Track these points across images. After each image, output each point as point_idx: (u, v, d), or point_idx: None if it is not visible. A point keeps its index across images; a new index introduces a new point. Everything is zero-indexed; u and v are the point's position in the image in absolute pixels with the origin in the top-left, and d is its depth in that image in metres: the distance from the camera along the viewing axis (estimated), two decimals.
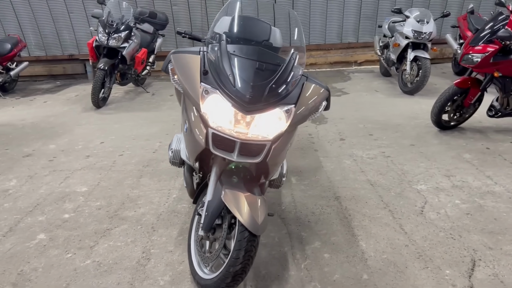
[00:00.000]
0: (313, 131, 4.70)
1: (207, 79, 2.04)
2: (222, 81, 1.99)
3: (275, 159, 2.09)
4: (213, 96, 1.99)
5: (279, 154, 2.09)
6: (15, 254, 2.58)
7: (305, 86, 2.13)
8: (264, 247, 2.56)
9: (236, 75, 1.99)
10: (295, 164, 3.81)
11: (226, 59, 2.03)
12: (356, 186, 3.35)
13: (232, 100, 1.95)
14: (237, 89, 1.96)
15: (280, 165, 2.27)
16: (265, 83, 1.99)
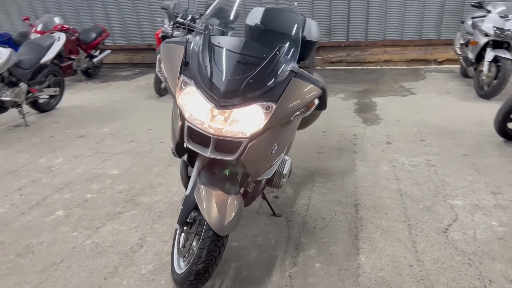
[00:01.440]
0: (359, 132, 4.43)
1: (187, 71, 1.99)
2: (200, 73, 1.93)
3: (253, 158, 1.97)
4: (189, 89, 1.94)
5: (258, 153, 1.97)
6: (31, 227, 2.78)
7: (292, 83, 1.98)
8: (257, 248, 2.47)
9: (213, 68, 1.92)
10: (325, 165, 3.62)
11: (206, 50, 1.96)
12: (382, 194, 3.08)
13: (205, 93, 1.89)
14: (212, 82, 1.88)
15: (266, 165, 2.13)
16: (243, 77, 1.89)
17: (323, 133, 4.43)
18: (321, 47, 8.00)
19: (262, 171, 2.14)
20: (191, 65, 1.99)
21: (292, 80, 1.98)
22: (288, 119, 1.98)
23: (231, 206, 1.94)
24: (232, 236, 2.60)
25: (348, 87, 6.44)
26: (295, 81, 1.99)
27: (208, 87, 1.88)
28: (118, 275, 2.27)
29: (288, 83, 1.98)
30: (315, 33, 3.32)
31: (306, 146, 4.07)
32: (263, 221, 2.76)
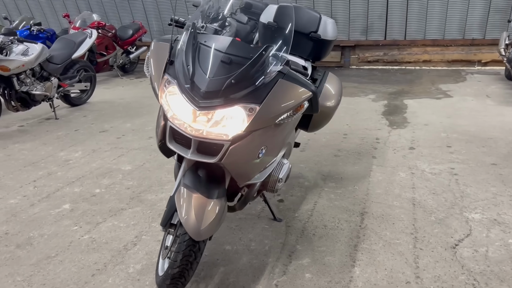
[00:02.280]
0: (383, 135, 4.23)
1: (171, 70, 1.95)
2: (183, 72, 1.88)
3: (236, 162, 1.89)
4: (172, 88, 1.90)
5: (242, 156, 1.89)
6: (36, 219, 2.85)
7: (279, 85, 1.88)
8: (249, 254, 2.40)
9: (196, 67, 1.86)
10: (339, 170, 3.48)
11: (189, 49, 1.91)
12: (393, 203, 2.91)
13: (186, 93, 1.83)
14: (194, 82, 1.83)
15: (253, 168, 2.04)
16: (225, 77, 1.81)
17: (344, 136, 4.27)
18: (358, 46, 7.77)
19: (250, 175, 2.06)
20: (176, 64, 1.94)
21: (279, 81, 1.88)
22: (273, 122, 1.88)
23: (210, 211, 1.87)
24: (227, 239, 2.54)
25: (381, 88, 6.19)
26: (282, 83, 1.89)
27: (189, 87, 1.82)
28: (106, 272, 2.27)
29: (274, 84, 1.89)
30: (331, 31, 3.19)
31: (323, 149, 3.94)
32: (261, 226, 2.68)
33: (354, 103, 5.45)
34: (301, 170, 3.50)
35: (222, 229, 2.64)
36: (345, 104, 5.40)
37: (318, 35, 3.14)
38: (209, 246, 2.47)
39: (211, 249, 2.44)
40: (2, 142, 4.44)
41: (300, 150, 3.92)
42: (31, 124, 5.04)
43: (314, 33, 3.16)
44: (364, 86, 6.38)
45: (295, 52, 3.22)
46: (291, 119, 1.96)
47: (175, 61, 1.96)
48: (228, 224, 2.69)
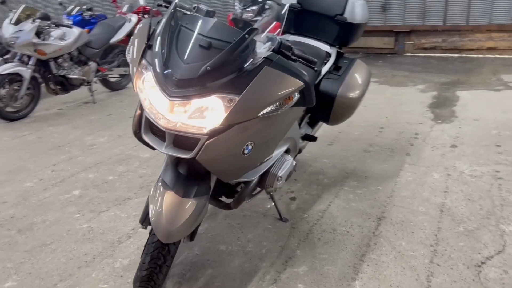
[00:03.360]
0: (424, 130, 3.83)
1: (148, 55, 1.78)
2: (157, 58, 1.71)
3: (214, 158, 1.69)
4: (146, 75, 1.73)
5: (221, 152, 1.69)
6: (44, 204, 2.85)
7: (263, 73, 1.65)
8: (243, 256, 2.21)
9: (172, 52, 1.68)
10: (366, 167, 3.17)
11: (166, 31, 1.73)
12: (418, 208, 2.59)
13: (159, 81, 1.66)
14: (168, 68, 1.65)
15: (239, 165, 1.83)
16: (201, 63, 1.62)
17: (380, 129, 3.92)
18: (413, 31, 7.20)
19: (236, 172, 1.86)
20: (153, 49, 1.77)
21: (264, 69, 1.66)
22: (256, 115, 1.66)
23: (183, 211, 1.70)
24: (224, 237, 2.37)
25: (434, 77, 5.68)
26: (267, 71, 1.66)
27: (163, 74, 1.65)
28: (92, 265, 2.19)
29: (258, 73, 1.66)
30: (360, 14, 2.89)
31: (353, 143, 3.63)
32: (265, 225, 2.48)
33: (399, 94, 5.03)
34: (323, 166, 3.23)
35: (222, 226, 2.48)
36: (389, 94, 5.00)
37: (344, 18, 2.85)
38: (203, 245, 2.31)
39: (204, 247, 2.29)
40: (38, 124, 4.56)
41: (328, 144, 3.65)
42: (69, 108, 5.15)
43: (339, 16, 2.87)
44: (415, 75, 5.88)
45: (319, 37, 2.96)
46: (279, 112, 1.73)
47: (153, 45, 1.79)
48: (230, 222, 2.52)
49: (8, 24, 4.51)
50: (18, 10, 4.57)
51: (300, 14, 3.01)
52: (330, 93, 2.70)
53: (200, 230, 2.44)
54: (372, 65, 6.65)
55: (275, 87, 1.68)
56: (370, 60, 7.07)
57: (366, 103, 4.60)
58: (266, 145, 1.90)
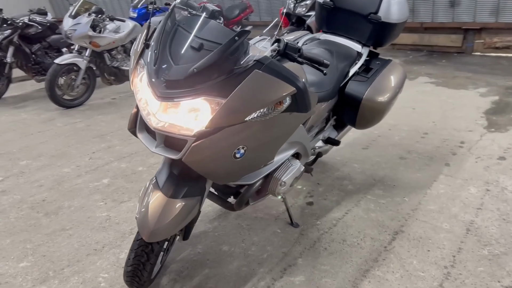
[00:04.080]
0: (471, 139, 3.54)
1: (145, 54, 1.80)
2: (150, 57, 1.72)
3: (201, 160, 1.67)
4: (141, 74, 1.76)
5: (209, 155, 1.66)
6: (75, 190, 3.01)
7: (252, 77, 1.60)
8: (243, 259, 2.19)
9: (164, 52, 1.68)
10: (397, 175, 3.00)
11: (161, 31, 1.74)
12: (442, 225, 2.40)
13: (150, 80, 1.68)
14: (159, 68, 1.66)
15: (232, 169, 1.78)
16: (190, 65, 1.61)
17: (423, 135, 3.68)
18: (484, 29, 6.66)
19: (229, 175, 1.82)
20: (150, 48, 1.79)
21: (253, 73, 1.61)
22: (242, 120, 1.62)
23: (168, 211, 1.71)
24: (229, 238, 2.36)
25: (499, 80, 5.22)
26: (257, 75, 1.61)
27: (154, 74, 1.66)
28: (100, 254, 2.28)
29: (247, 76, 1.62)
30: (396, 13, 2.72)
31: (390, 148, 3.44)
32: (274, 229, 2.43)
33: (455, 97, 4.68)
34: (351, 171, 3.10)
35: (231, 226, 2.47)
36: (443, 97, 4.68)
37: (378, 17, 2.71)
38: (207, 243, 2.32)
39: (208, 246, 2.29)
40: (90, 112, 4.83)
41: (362, 147, 3.49)
42: (122, 98, 5.40)
43: (373, 14, 2.73)
44: (479, 77, 5.44)
45: (352, 36, 2.83)
46: (268, 117, 1.67)
47: (150, 45, 1.80)
48: (240, 222, 2.51)
49: (68, 17, 4.80)
50: (77, 4, 4.85)
51: (333, 12, 2.90)
52: (356, 96, 2.58)
53: (208, 228, 2.45)
54: (434, 65, 6.26)
55: (264, 91, 1.62)
56: (433, 59, 6.66)
57: (416, 106, 4.35)
58: (263, 150, 1.84)
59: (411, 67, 6.18)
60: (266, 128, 1.76)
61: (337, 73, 2.56)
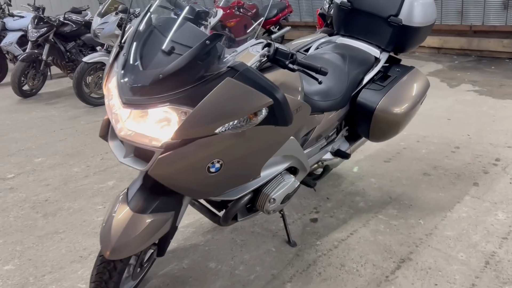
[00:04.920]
0: (509, 156, 3.18)
1: (119, 56, 1.68)
2: (120, 60, 1.61)
3: (169, 173, 1.52)
4: (113, 78, 1.64)
5: (179, 169, 1.51)
6: (79, 191, 2.98)
7: (224, 85, 1.44)
8: (229, 279, 2.03)
9: (134, 56, 1.56)
10: (416, 194, 2.73)
11: (132, 33, 1.62)
12: (458, 255, 2.13)
13: (117, 85, 1.56)
14: (124, 72, 1.54)
15: (207, 183, 1.61)
16: (157, 71, 1.48)
17: (454, 149, 3.36)
18: None
19: (205, 191, 1.67)
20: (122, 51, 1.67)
21: (225, 80, 1.45)
22: (211, 132, 1.46)
23: (133, 227, 1.58)
24: (219, 254, 2.21)
25: None
26: (229, 83, 1.45)
27: (120, 79, 1.54)
28: (84, 262, 2.20)
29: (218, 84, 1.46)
30: (419, 16, 2.48)
31: (414, 163, 3.16)
32: (268, 247, 2.26)
33: (498, 108, 4.27)
34: (367, 186, 2.86)
35: (224, 240, 2.32)
36: (485, 108, 4.29)
37: (399, 19, 2.47)
38: (195, 258, 2.18)
39: (194, 262, 2.16)
40: None
41: (384, 160, 3.23)
42: None
43: (393, 17, 2.49)
44: None
45: (371, 40, 2.61)
46: (241, 130, 1.50)
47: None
48: (235, 237, 2.35)
49: (96, 16, 4.84)
50: (106, 3, 4.87)
51: (351, 13, 2.68)
52: (369, 106, 2.36)
53: (200, 241, 2.31)
54: (481, 71, 5.81)
55: (236, 101, 1.46)
56: (481, 65, 6.18)
57: (452, 116, 4.01)
58: (243, 165, 1.68)
59: (455, 73, 5.76)
60: (244, 141, 1.59)
61: (348, 80, 2.34)
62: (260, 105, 1.48)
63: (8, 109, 5.09)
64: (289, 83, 1.82)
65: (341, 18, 2.74)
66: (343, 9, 2.69)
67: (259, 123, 1.54)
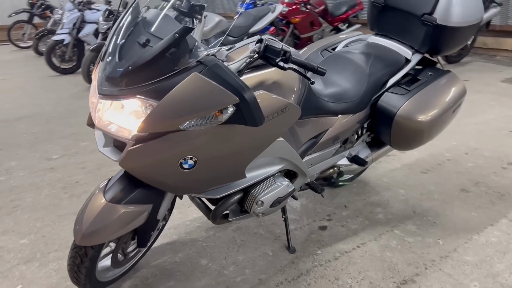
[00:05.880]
0: None
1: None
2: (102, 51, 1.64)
3: (138, 166, 1.51)
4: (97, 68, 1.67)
5: (149, 162, 1.50)
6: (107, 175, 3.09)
7: (190, 80, 1.40)
8: (214, 278, 2.00)
9: (114, 47, 1.58)
10: (444, 212, 2.49)
11: (116, 24, 1.63)
12: (471, 284, 1.90)
13: (97, 75, 1.59)
14: (104, 63, 1.57)
15: (180, 179, 1.56)
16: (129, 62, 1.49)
17: (506, 166, 3.01)
18: None
19: (182, 187, 1.65)
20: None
21: (191, 75, 1.41)
22: (175, 127, 1.44)
23: (105, 217, 1.59)
24: (214, 251, 2.18)
25: None
26: (195, 78, 1.41)
27: (100, 69, 1.58)
28: None
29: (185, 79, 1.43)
30: (458, 15, 2.27)
31: (454, 177, 2.88)
32: (265, 250, 2.19)
33: None
34: (392, 197, 2.66)
35: (224, 238, 2.29)
36: None
37: (433, 18, 2.27)
38: (189, 253, 2.18)
39: (187, 256, 2.15)
40: None
41: (421, 171, 2.98)
42: None
43: (428, 15, 2.28)
44: None
45: (404, 40, 2.43)
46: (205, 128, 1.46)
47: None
48: (236, 236, 2.31)
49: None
50: None
51: (384, 11, 2.50)
52: (388, 111, 2.20)
53: (200, 237, 2.31)
54: None
55: (200, 97, 1.41)
56: None
57: None
58: (223, 164, 1.63)
59: None
60: (219, 140, 1.55)
61: (368, 81, 2.19)
62: (225, 103, 1.42)
63: (76, 96, 5.48)
64: (282, 82, 1.73)
65: (374, 15, 2.56)
66: (376, 6, 2.52)
67: (227, 122, 1.48)
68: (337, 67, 2.29)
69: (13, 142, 3.82)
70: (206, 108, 1.41)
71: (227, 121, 1.48)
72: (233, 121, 1.48)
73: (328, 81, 2.22)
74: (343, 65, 2.29)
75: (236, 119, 1.48)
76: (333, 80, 2.22)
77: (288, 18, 6.86)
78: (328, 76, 2.24)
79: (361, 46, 2.44)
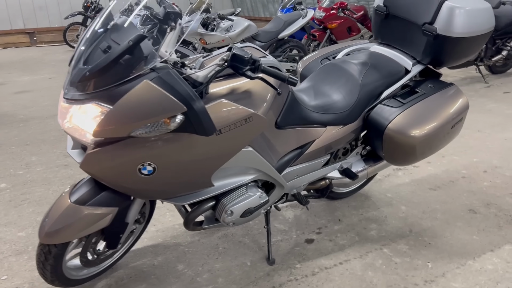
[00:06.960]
0: None
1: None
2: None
3: (98, 170, 1.54)
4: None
5: (104, 167, 1.52)
6: None
7: (141, 87, 1.42)
8: (187, 285, 2.00)
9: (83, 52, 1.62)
10: (444, 233, 2.35)
11: (86, 30, 1.68)
12: None
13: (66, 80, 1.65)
14: (71, 67, 1.62)
15: (138, 186, 1.57)
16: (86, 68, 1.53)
17: None
18: None
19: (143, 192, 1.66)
20: None
21: (142, 83, 1.43)
22: (126, 133, 1.46)
23: (67, 217, 1.64)
24: (192, 257, 2.18)
25: None
26: (145, 86, 1.43)
27: (69, 73, 1.63)
28: None
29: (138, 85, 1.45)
30: (461, 25, 2.16)
31: (465, 196, 2.71)
32: (244, 260, 2.16)
33: None
34: (391, 214, 2.54)
35: (207, 245, 2.29)
36: None
37: (433, 28, 2.18)
38: (169, 258, 2.19)
39: (166, 261, 2.17)
40: None
41: (430, 187, 2.83)
42: None
43: (428, 25, 2.18)
44: None
45: (406, 49, 2.34)
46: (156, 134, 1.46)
47: None
48: (220, 243, 2.30)
49: (185, 15, 5.12)
50: (195, 2, 5.13)
51: (387, 19, 2.41)
52: (379, 123, 2.12)
53: (184, 241, 2.32)
54: None
55: (149, 105, 1.42)
56: None
57: None
58: (185, 171, 1.63)
59: None
60: (178, 148, 1.56)
61: (359, 92, 2.12)
62: (172, 111, 1.42)
63: None
64: (252, 92, 1.71)
65: (378, 24, 2.47)
66: (379, 15, 2.43)
67: (178, 130, 1.48)
68: (330, 77, 2.23)
69: (40, 138, 4.03)
70: (154, 115, 1.42)
71: (178, 129, 1.47)
72: (183, 129, 1.48)
73: (317, 91, 2.16)
74: (336, 75, 2.22)
75: (186, 127, 1.47)
76: (323, 90, 2.16)
77: (324, 23, 6.77)
78: (318, 85, 2.19)
79: (360, 55, 2.36)
